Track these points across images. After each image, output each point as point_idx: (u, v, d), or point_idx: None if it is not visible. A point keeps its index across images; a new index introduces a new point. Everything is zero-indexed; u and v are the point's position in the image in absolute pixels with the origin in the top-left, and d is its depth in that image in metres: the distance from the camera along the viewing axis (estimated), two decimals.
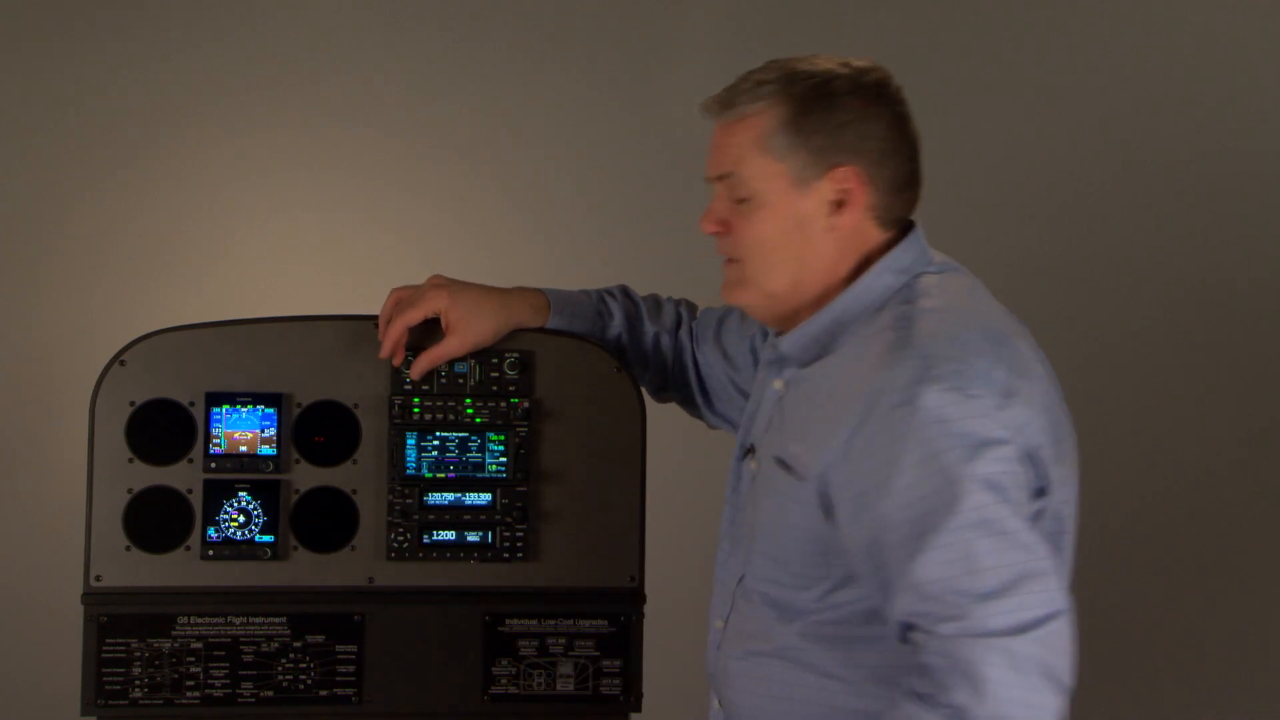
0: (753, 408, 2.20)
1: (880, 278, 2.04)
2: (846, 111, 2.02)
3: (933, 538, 1.83)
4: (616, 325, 2.46)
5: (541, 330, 2.41)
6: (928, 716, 1.81)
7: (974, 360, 1.90)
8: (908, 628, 1.87)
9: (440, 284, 2.38)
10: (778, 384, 2.12)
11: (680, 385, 2.50)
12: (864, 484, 1.89)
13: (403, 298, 2.38)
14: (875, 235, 2.05)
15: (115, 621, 2.34)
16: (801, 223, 2.04)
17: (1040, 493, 1.94)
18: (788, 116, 2.02)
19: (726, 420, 2.49)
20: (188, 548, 2.36)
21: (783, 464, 2.02)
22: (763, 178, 2.04)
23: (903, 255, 2.05)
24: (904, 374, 1.89)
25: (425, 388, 2.39)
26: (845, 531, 1.93)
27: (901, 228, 2.08)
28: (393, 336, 2.35)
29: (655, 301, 2.52)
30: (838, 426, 1.93)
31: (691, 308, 2.53)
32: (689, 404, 2.52)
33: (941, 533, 1.83)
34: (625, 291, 2.51)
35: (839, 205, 2.03)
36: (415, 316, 2.35)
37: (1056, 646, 1.81)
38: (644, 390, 2.51)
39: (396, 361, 2.37)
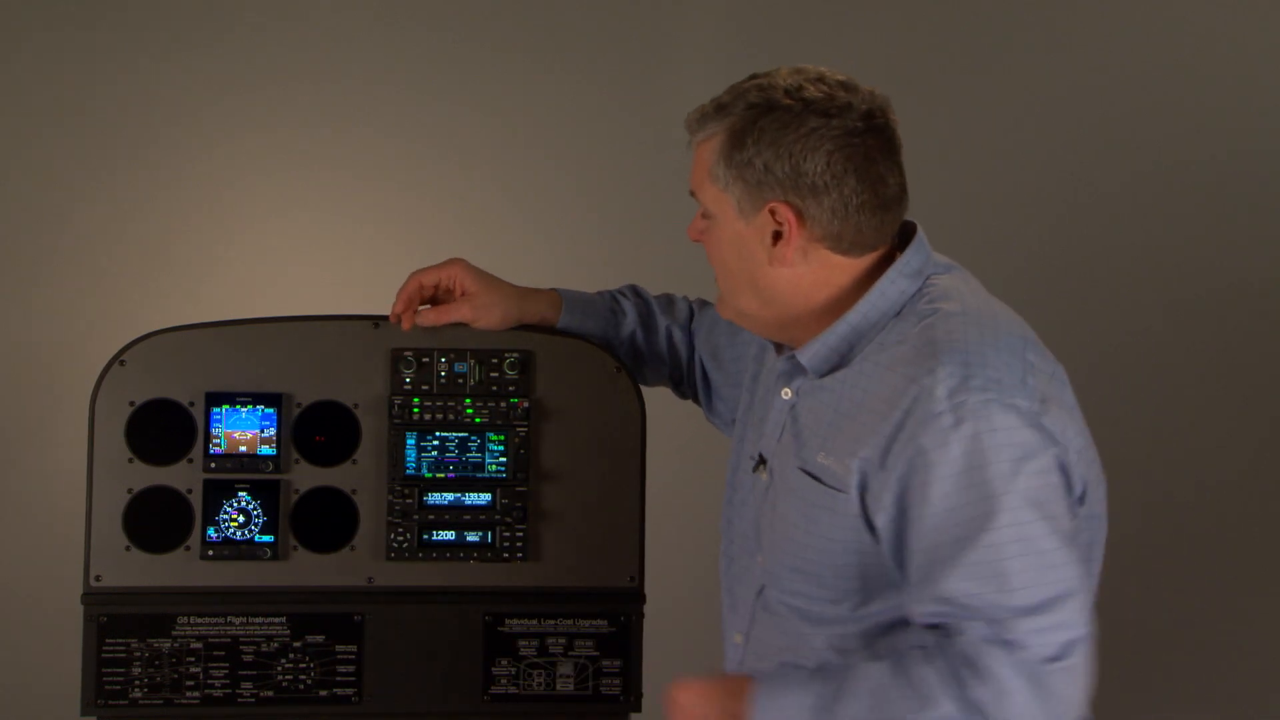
0: (757, 416, 2.18)
1: (895, 284, 2.01)
2: (778, 146, 1.97)
3: (969, 552, 1.85)
4: (630, 323, 2.46)
5: (553, 331, 2.41)
6: (943, 694, 1.84)
7: (1010, 367, 1.90)
8: (933, 626, 1.89)
9: (462, 260, 2.41)
10: (786, 393, 2.09)
11: (691, 381, 2.50)
12: (903, 491, 1.89)
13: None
14: (841, 260, 2.02)
15: (115, 621, 2.34)
16: (749, 249, 2.03)
17: (1080, 500, 1.95)
18: (725, 150, 2.00)
19: (723, 420, 2.49)
20: (188, 548, 2.36)
21: (812, 475, 2.00)
22: (714, 203, 2.03)
23: (912, 259, 2.02)
24: (943, 383, 1.88)
25: (425, 388, 2.39)
26: (884, 538, 1.93)
27: (902, 233, 2.06)
28: (407, 290, 2.37)
29: (668, 299, 2.52)
30: (873, 436, 1.92)
31: (705, 304, 2.52)
32: (696, 399, 2.52)
33: (978, 548, 1.85)
34: (636, 290, 2.51)
35: (778, 237, 2.00)
36: (432, 276, 2.38)
37: (1076, 676, 1.85)
38: (666, 388, 2.52)
39: (406, 325, 2.37)
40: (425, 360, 2.39)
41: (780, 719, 1.91)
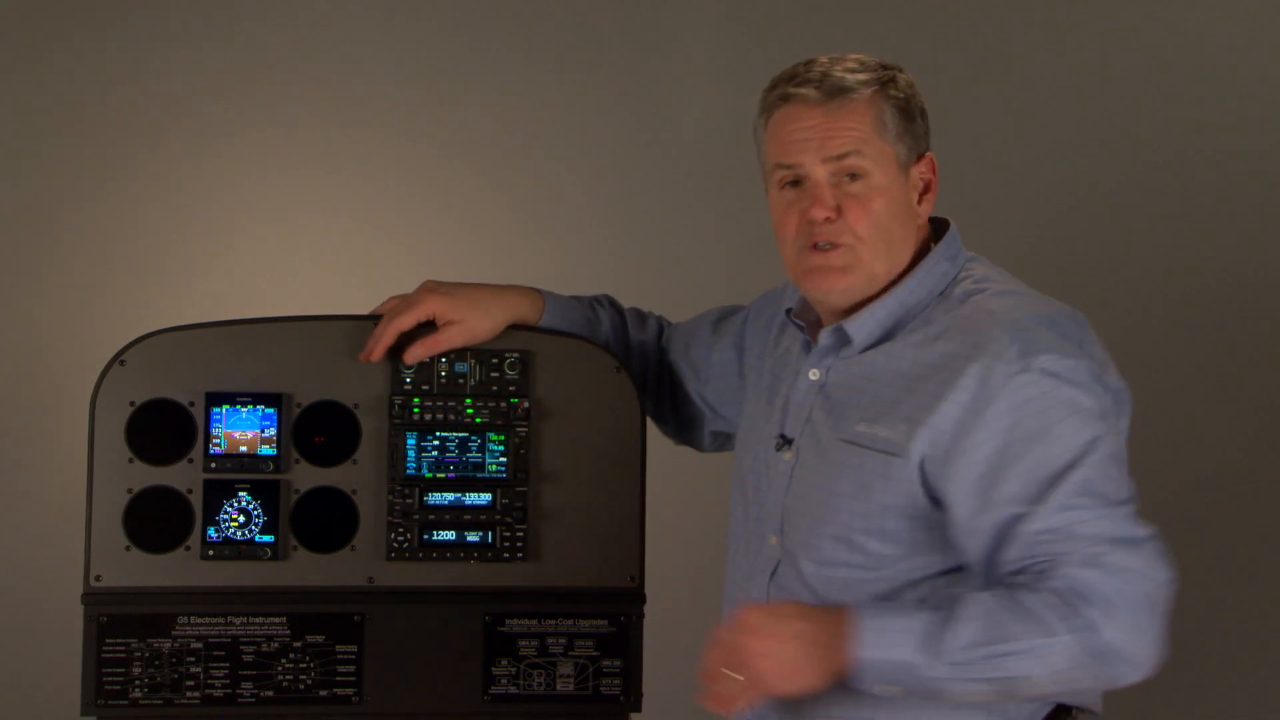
0: (768, 403, 2.20)
1: (939, 264, 2.10)
2: (920, 100, 2.12)
3: (1067, 483, 1.92)
4: (604, 333, 2.47)
5: (539, 329, 2.41)
6: (1056, 618, 1.88)
7: (1066, 337, 2.00)
8: (1018, 571, 1.93)
9: (433, 288, 2.38)
10: (814, 374, 2.13)
11: (655, 398, 2.52)
12: (1000, 446, 1.95)
13: (396, 305, 2.38)
14: (925, 226, 2.14)
15: (115, 621, 2.34)
16: (905, 207, 2.10)
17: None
18: (898, 102, 2.08)
19: (687, 431, 2.53)
20: (188, 548, 2.36)
21: (860, 445, 2.04)
22: (880, 159, 2.07)
23: (952, 244, 2.13)
24: (1010, 349, 1.96)
25: (425, 387, 2.39)
26: (959, 499, 1.97)
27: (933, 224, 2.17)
28: (384, 341, 2.35)
29: (638, 314, 2.54)
30: (941, 403, 1.98)
31: (666, 323, 2.56)
32: (659, 417, 2.53)
33: (1073, 479, 1.92)
34: (611, 301, 2.52)
35: (922, 193, 2.11)
36: (408, 321, 2.35)
37: (1164, 600, 1.96)
38: None
39: (375, 358, 2.36)
40: (425, 360, 2.39)
41: (885, 644, 1.90)
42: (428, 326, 2.37)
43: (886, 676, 1.90)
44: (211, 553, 2.35)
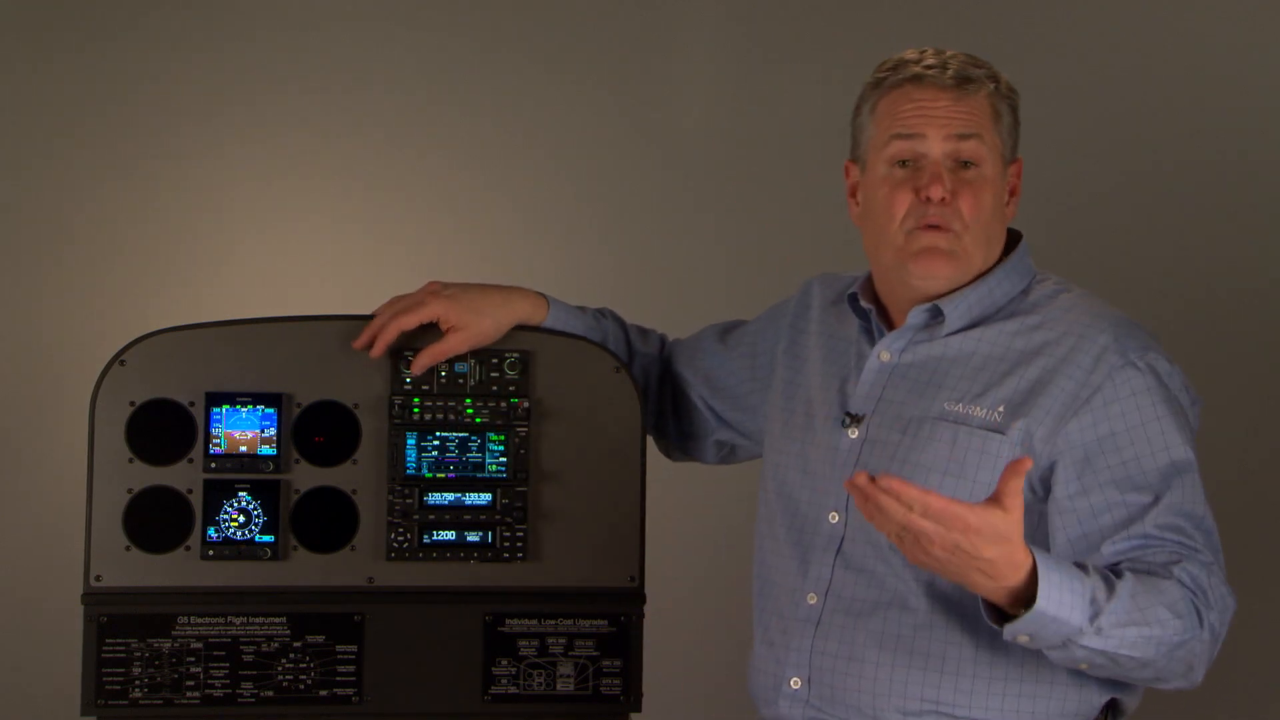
0: (834, 383, 2.23)
1: (1022, 262, 2.19)
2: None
3: (1182, 483, 2.01)
4: (611, 344, 2.48)
5: (541, 330, 2.41)
6: (1188, 610, 1.93)
7: (1151, 336, 2.11)
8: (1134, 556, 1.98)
9: (437, 290, 2.38)
10: (885, 355, 2.17)
11: (656, 411, 2.52)
12: (1103, 434, 2.02)
13: (400, 303, 2.38)
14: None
15: (115, 621, 2.34)
16: (1001, 204, 2.16)
17: None
18: (1009, 101, 2.15)
19: (689, 442, 2.53)
20: (188, 548, 2.36)
21: (948, 420, 2.08)
22: (992, 150, 2.13)
23: (1025, 250, 2.21)
24: (1119, 341, 2.06)
25: (425, 387, 2.39)
26: (1064, 478, 2.03)
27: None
28: (385, 337, 2.34)
29: (640, 330, 2.55)
30: (1048, 387, 2.05)
31: (667, 339, 2.57)
32: (659, 431, 2.54)
33: (1187, 480, 2.02)
34: (614, 314, 2.53)
35: (1012, 193, 2.18)
36: (411, 321, 2.35)
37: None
38: None
39: (374, 354, 2.36)
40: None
41: (1063, 603, 1.86)
42: (430, 330, 2.37)
43: (1040, 630, 1.88)
44: (211, 553, 2.35)
